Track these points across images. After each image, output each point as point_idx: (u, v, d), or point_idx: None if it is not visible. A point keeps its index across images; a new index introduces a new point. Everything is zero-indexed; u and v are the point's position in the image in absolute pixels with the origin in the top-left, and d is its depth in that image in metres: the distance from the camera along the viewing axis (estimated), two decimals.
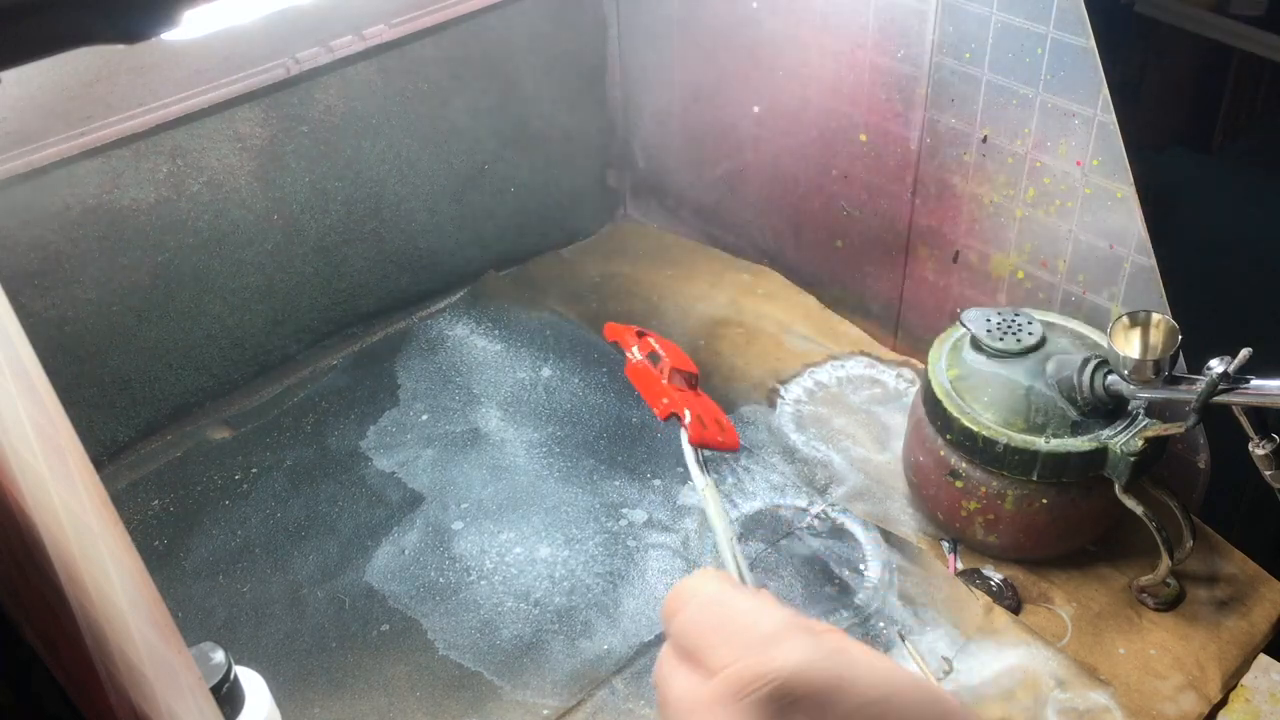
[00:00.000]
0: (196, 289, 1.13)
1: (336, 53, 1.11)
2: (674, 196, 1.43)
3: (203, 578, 1.00)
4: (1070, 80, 0.94)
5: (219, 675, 0.67)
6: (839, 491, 1.06)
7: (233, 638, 0.94)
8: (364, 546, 1.02)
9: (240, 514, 1.06)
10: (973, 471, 0.94)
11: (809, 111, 1.18)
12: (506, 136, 1.31)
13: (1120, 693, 0.88)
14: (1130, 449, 0.88)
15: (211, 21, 0.95)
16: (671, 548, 1.01)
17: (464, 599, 0.97)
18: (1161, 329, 0.87)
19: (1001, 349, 0.94)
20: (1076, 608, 0.96)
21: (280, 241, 1.17)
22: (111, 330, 1.08)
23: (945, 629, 0.93)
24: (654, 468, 1.09)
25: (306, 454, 1.12)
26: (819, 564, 0.99)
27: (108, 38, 0.37)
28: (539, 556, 1.00)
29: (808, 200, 1.25)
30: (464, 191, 1.30)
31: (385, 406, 1.17)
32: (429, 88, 1.22)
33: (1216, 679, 0.90)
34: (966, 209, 1.08)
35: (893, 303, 1.21)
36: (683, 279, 1.34)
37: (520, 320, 1.28)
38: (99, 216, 1.03)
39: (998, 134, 1.02)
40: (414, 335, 1.27)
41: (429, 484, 1.08)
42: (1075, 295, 1.03)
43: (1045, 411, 0.91)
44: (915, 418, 1.00)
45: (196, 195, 1.09)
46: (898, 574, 0.98)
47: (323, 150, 1.16)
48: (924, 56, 1.04)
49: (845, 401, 1.17)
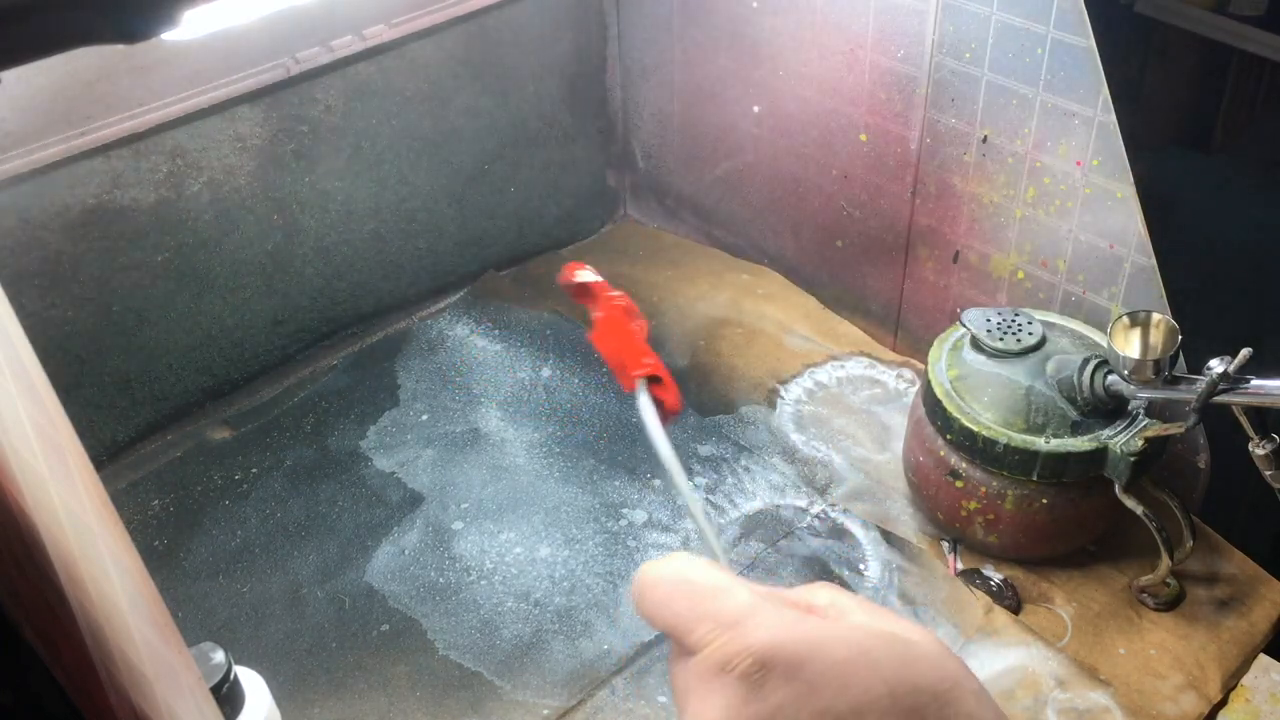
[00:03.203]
0: (196, 289, 1.13)
1: (336, 53, 1.11)
2: (674, 196, 1.43)
3: (203, 578, 1.00)
4: (1070, 80, 0.94)
5: (219, 675, 0.67)
6: (839, 491, 1.06)
7: (233, 638, 0.94)
8: (364, 546, 1.02)
9: (240, 514, 1.06)
10: (973, 471, 0.94)
11: (809, 111, 1.18)
12: (506, 136, 1.31)
13: (1120, 693, 0.88)
14: (1130, 449, 0.88)
15: (211, 21, 0.95)
16: (671, 548, 1.01)
17: (464, 599, 0.97)
18: (1161, 329, 0.87)
19: (1001, 349, 0.94)
20: (1076, 608, 0.96)
21: (280, 241, 1.17)
22: (111, 330, 1.08)
23: (945, 629, 0.93)
24: (654, 468, 1.09)
25: (306, 454, 1.12)
26: (819, 564, 0.99)
27: (108, 38, 0.37)
28: (539, 556, 1.00)
29: (808, 200, 1.25)
30: (464, 191, 1.30)
31: (385, 406, 1.17)
32: (429, 88, 1.22)
33: (1216, 679, 0.90)
34: (966, 209, 1.08)
35: (893, 303, 1.21)
36: (683, 279, 1.34)
37: (520, 320, 1.28)
38: (99, 216, 1.03)
39: (998, 134, 1.02)
40: (414, 335, 1.27)
41: (429, 484, 1.08)
42: (1075, 295, 1.03)
43: (1045, 411, 0.91)
44: (915, 418, 1.00)
45: (196, 195, 1.09)
46: (898, 574, 0.98)
47: (323, 150, 1.16)
48: (924, 56, 1.04)
49: (845, 401, 1.17)
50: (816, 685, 0.40)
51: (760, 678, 0.40)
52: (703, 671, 0.41)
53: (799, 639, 0.41)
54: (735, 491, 1.06)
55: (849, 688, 0.40)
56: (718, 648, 0.41)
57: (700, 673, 0.42)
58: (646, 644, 0.93)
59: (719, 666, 0.41)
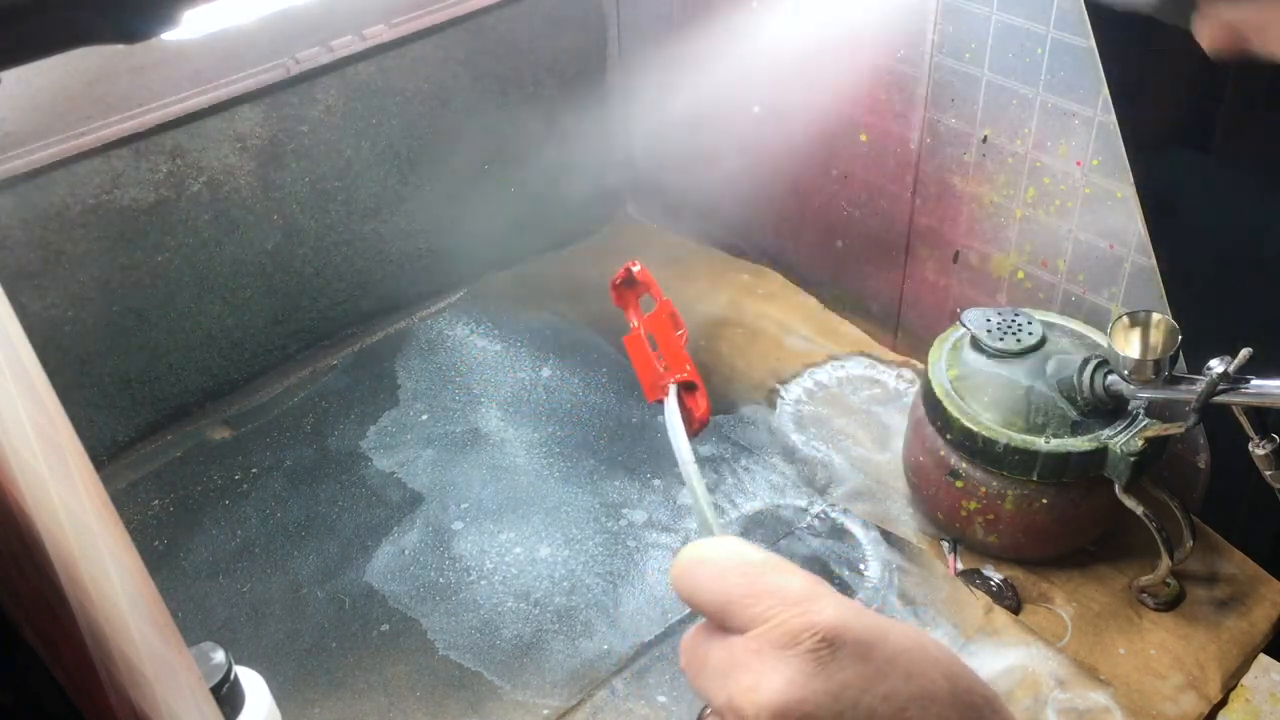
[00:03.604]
0: (196, 289, 1.13)
1: (336, 53, 1.11)
2: (674, 196, 1.43)
3: (203, 578, 1.00)
4: (1070, 80, 0.94)
5: (219, 675, 0.67)
6: (839, 491, 1.06)
7: (233, 638, 0.94)
8: (364, 546, 1.02)
9: (240, 514, 1.06)
10: (973, 471, 0.94)
11: (809, 111, 1.18)
12: (506, 136, 1.31)
13: (1120, 693, 0.88)
14: (1130, 449, 0.88)
15: (211, 21, 0.95)
16: (671, 548, 1.01)
17: (464, 599, 0.97)
18: (1161, 329, 0.87)
19: (1001, 349, 0.94)
20: (1076, 608, 0.96)
21: (280, 241, 1.17)
22: (111, 330, 1.08)
23: (945, 629, 0.93)
24: (654, 468, 1.09)
25: (306, 454, 1.12)
26: (819, 564, 0.99)
27: (108, 38, 0.37)
28: (539, 556, 1.00)
29: (808, 200, 1.25)
30: (464, 191, 1.30)
31: (385, 406, 1.17)
32: (429, 88, 1.22)
33: (1216, 679, 0.90)
34: (966, 209, 1.08)
35: (893, 303, 1.21)
36: (683, 279, 1.34)
37: (520, 320, 1.28)
38: (99, 216, 1.03)
39: (998, 134, 1.02)
40: (414, 335, 1.27)
41: (429, 484, 1.08)
42: (1075, 295, 1.03)
43: (1045, 411, 0.91)
44: (915, 418, 1.00)
45: (196, 195, 1.09)
46: (898, 574, 0.98)
47: (323, 150, 1.16)
48: (924, 56, 1.04)
49: (845, 401, 1.17)
50: (883, 669, 0.40)
51: (828, 655, 0.40)
52: (761, 646, 0.41)
53: (865, 623, 0.41)
54: (735, 491, 1.06)
55: (913, 676, 0.40)
56: (782, 622, 0.41)
57: (757, 647, 0.41)
58: (646, 644, 0.93)
59: (784, 641, 0.40)
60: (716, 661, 0.42)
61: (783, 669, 0.40)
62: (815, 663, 0.40)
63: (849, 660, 0.40)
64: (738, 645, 0.42)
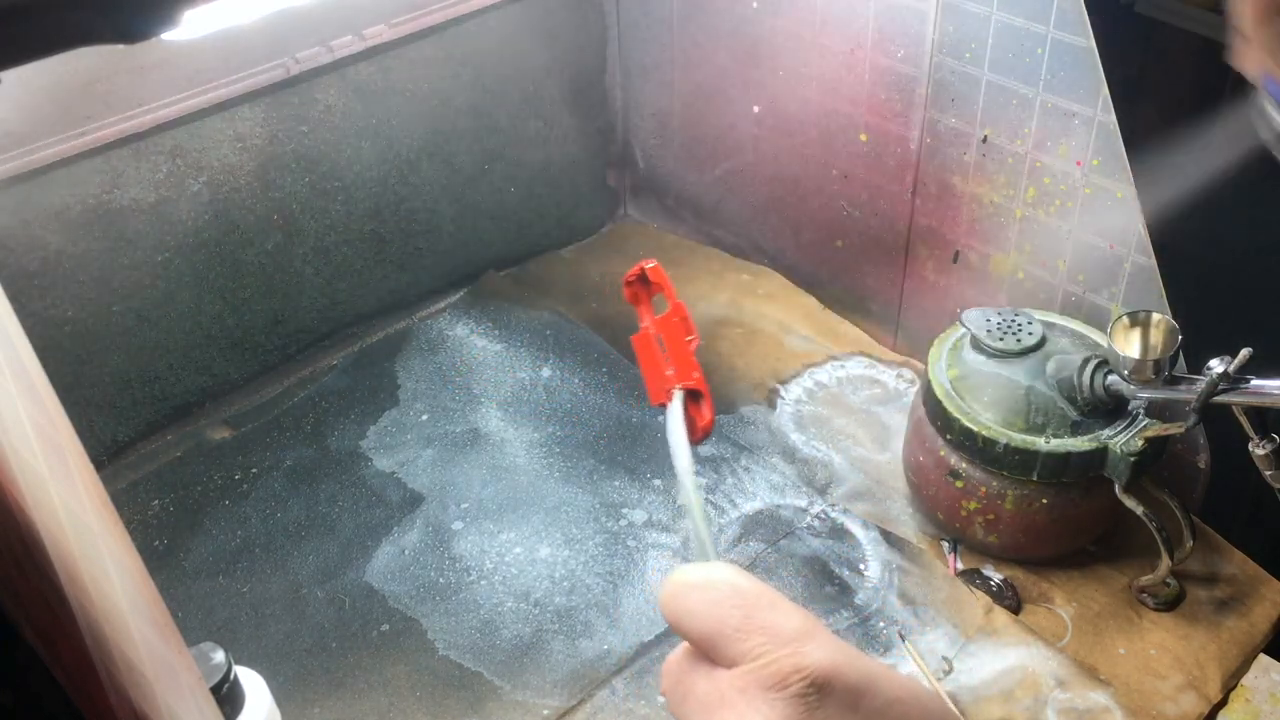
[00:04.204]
0: (196, 289, 1.13)
1: (336, 53, 1.11)
2: (674, 196, 1.43)
3: (203, 578, 1.00)
4: (1070, 80, 0.94)
5: (219, 675, 0.67)
6: (839, 491, 1.06)
7: (233, 638, 0.94)
8: (364, 546, 1.02)
9: (240, 514, 1.06)
10: (973, 471, 0.94)
11: (809, 111, 1.18)
12: (506, 136, 1.31)
13: (1120, 693, 0.88)
14: (1130, 449, 0.88)
15: (211, 21, 0.95)
16: (671, 548, 1.01)
17: (464, 599, 0.97)
18: (1161, 329, 0.87)
19: (1001, 349, 0.94)
20: (1076, 608, 0.96)
21: (280, 241, 1.17)
22: (111, 330, 1.08)
23: (945, 629, 0.93)
24: (654, 468, 1.09)
25: (306, 454, 1.12)
26: (819, 564, 0.99)
27: (108, 38, 0.37)
28: (539, 556, 1.00)
29: (808, 200, 1.25)
30: (464, 191, 1.30)
31: (385, 406, 1.17)
32: (429, 88, 1.22)
33: (1216, 679, 0.90)
34: (966, 209, 1.08)
35: (893, 303, 1.21)
36: (683, 279, 1.34)
37: (520, 320, 1.28)
38: (99, 216, 1.03)
39: (998, 134, 1.02)
40: (414, 335, 1.27)
41: (429, 484, 1.08)
42: (1075, 295, 1.03)
43: (1045, 411, 0.91)
44: (915, 418, 1.00)
45: (196, 195, 1.09)
46: (898, 574, 0.98)
47: (323, 150, 1.16)
48: (924, 56, 1.04)
49: (845, 401, 1.17)
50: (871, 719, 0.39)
51: (816, 701, 0.39)
52: (748, 685, 0.39)
53: (857, 669, 0.40)
54: (735, 491, 1.06)
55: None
56: (772, 661, 0.39)
57: (744, 685, 0.40)
58: (646, 644, 0.93)
59: (771, 682, 0.39)
60: (702, 694, 0.41)
61: (767, 712, 0.39)
62: (802, 708, 0.39)
63: (836, 709, 0.39)
64: (724, 681, 0.40)
